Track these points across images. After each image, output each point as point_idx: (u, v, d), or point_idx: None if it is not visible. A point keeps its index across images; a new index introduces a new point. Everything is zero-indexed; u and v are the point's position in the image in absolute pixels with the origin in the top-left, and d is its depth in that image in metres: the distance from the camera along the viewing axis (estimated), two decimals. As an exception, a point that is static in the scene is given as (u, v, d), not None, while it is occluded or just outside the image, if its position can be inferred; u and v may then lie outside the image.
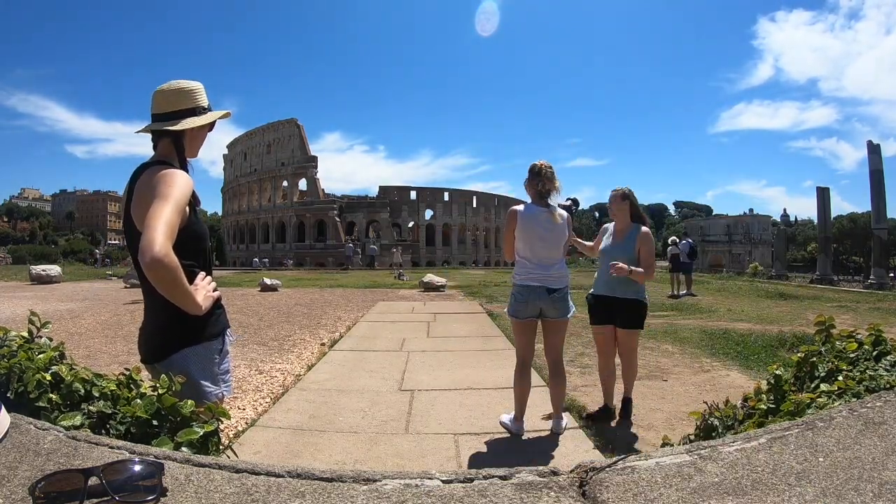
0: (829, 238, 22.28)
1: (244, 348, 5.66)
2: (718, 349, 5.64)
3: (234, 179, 56.37)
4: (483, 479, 0.68)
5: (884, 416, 0.87)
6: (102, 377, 1.10)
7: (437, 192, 53.87)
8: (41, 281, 15.57)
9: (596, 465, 0.72)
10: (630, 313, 3.21)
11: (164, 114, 1.49)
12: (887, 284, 16.59)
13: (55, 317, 7.98)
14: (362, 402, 3.66)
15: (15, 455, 0.71)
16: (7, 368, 1.01)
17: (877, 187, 18.26)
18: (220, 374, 1.52)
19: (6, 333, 1.18)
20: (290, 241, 47.94)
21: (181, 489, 0.64)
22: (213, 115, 1.56)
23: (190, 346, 1.45)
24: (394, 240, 44.36)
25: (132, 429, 1.00)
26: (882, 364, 1.33)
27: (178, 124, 1.47)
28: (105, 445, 0.77)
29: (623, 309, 3.21)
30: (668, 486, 0.65)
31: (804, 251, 50.70)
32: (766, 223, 53.03)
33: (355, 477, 0.68)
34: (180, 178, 1.38)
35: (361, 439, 2.94)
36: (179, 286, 1.25)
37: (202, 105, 1.52)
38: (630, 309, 3.20)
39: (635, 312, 3.22)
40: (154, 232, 1.21)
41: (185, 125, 1.47)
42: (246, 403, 3.66)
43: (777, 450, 0.74)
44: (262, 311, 9.35)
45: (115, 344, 5.95)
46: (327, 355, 5.27)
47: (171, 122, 1.47)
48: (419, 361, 4.91)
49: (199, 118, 1.49)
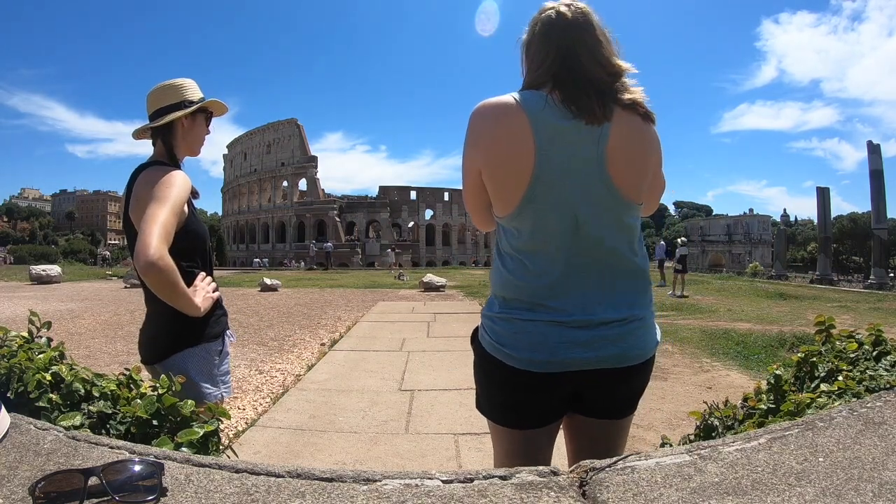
0: (829, 238, 22.28)
1: (244, 348, 5.66)
2: (718, 349, 5.64)
3: (234, 179, 56.40)
4: (483, 479, 0.68)
5: (884, 416, 0.87)
6: (102, 377, 1.10)
7: (438, 191, 53.88)
8: (41, 281, 15.57)
9: (596, 464, 0.72)
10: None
11: (153, 112, 1.48)
12: (887, 284, 16.59)
13: (55, 317, 7.98)
14: (362, 402, 3.66)
15: (15, 455, 0.71)
16: (7, 368, 1.01)
17: (877, 187, 18.26)
18: (220, 376, 1.52)
19: (6, 333, 1.18)
20: (290, 241, 47.95)
21: (181, 489, 0.64)
22: (194, 104, 1.49)
23: (190, 348, 1.44)
24: (394, 239, 44.36)
25: (132, 429, 1.00)
26: (882, 364, 1.33)
27: (158, 120, 1.46)
28: (105, 445, 0.77)
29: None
30: (668, 486, 0.65)
31: (804, 251, 50.68)
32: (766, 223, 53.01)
33: (355, 477, 0.68)
34: (177, 178, 1.38)
35: (361, 439, 2.94)
36: (176, 289, 1.25)
37: (190, 99, 1.49)
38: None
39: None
40: (148, 235, 1.20)
41: (163, 120, 1.46)
42: (246, 403, 3.66)
43: (777, 450, 0.74)
44: (262, 311, 9.35)
45: (115, 344, 5.95)
46: (327, 355, 5.27)
47: (158, 119, 1.47)
48: (419, 361, 4.91)
49: (180, 111, 1.47)
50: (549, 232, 1.05)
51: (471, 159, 1.11)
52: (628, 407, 1.20)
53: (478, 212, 1.20)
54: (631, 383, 1.15)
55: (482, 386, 1.19)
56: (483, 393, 1.20)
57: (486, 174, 1.09)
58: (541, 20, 1.11)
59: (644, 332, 1.12)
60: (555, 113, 1.04)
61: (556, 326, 1.05)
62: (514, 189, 1.05)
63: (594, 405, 1.16)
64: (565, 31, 1.07)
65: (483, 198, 1.14)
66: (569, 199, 1.05)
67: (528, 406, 1.12)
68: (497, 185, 1.08)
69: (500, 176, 1.07)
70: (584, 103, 1.04)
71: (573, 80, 1.05)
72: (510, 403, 1.13)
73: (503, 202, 1.08)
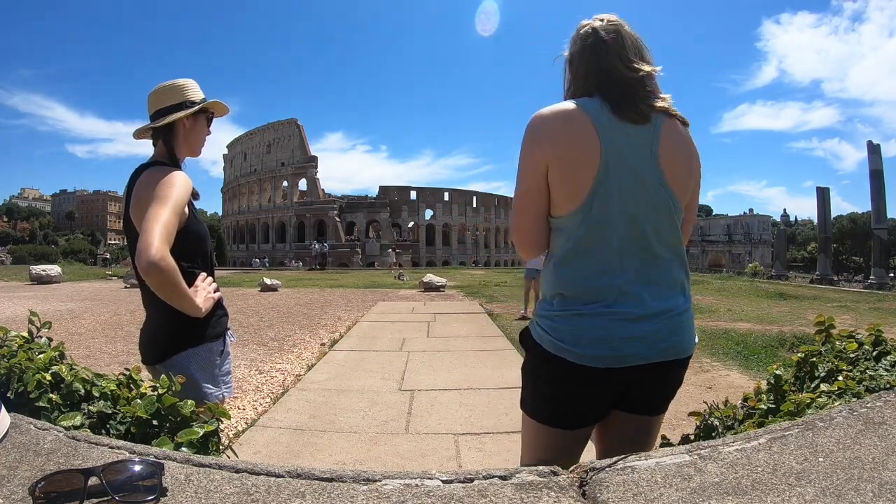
0: (829, 238, 22.27)
1: (244, 348, 5.66)
2: (718, 349, 5.64)
3: (234, 179, 56.40)
4: (483, 479, 0.68)
5: (884, 416, 0.87)
6: (102, 377, 1.10)
7: (438, 192, 53.88)
8: (41, 281, 15.56)
9: (596, 464, 0.72)
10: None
11: (154, 113, 1.48)
12: (887, 284, 16.58)
13: (55, 317, 7.97)
14: (362, 402, 3.66)
15: (15, 455, 0.72)
16: (7, 368, 1.01)
17: (877, 187, 18.26)
18: (221, 376, 1.52)
19: (6, 333, 1.18)
20: (290, 241, 47.95)
21: (181, 489, 0.64)
22: (196, 104, 1.49)
23: (191, 348, 1.44)
24: (394, 240, 44.35)
25: (132, 429, 1.00)
26: (882, 364, 1.33)
27: (160, 120, 1.46)
28: (105, 445, 0.77)
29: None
30: (668, 485, 0.65)
31: (804, 251, 50.68)
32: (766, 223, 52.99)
33: (355, 477, 0.68)
34: (178, 178, 1.37)
35: (361, 439, 2.94)
36: (177, 289, 1.25)
37: (191, 100, 1.49)
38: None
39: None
40: (150, 235, 1.20)
41: (165, 120, 1.46)
42: (246, 403, 3.66)
43: (777, 450, 0.74)
44: (262, 311, 9.35)
45: (115, 344, 5.95)
46: (327, 355, 5.27)
47: (159, 119, 1.47)
48: (419, 361, 4.90)
49: (181, 112, 1.47)
50: (613, 225, 1.09)
51: (534, 158, 1.13)
52: (667, 402, 1.26)
53: (531, 219, 1.17)
54: (677, 377, 1.23)
55: (534, 385, 1.19)
56: (535, 392, 1.19)
57: (555, 168, 1.11)
58: (580, 37, 1.21)
59: (691, 325, 1.19)
60: (609, 115, 1.11)
61: (618, 320, 1.08)
62: (583, 182, 1.09)
63: (639, 401, 1.19)
64: (601, 45, 1.17)
65: (542, 200, 1.14)
66: (630, 195, 1.10)
67: (581, 404, 1.14)
68: (567, 177, 1.10)
69: (571, 168, 1.10)
70: (629, 107, 1.12)
71: (615, 88, 1.14)
72: (564, 402, 1.14)
73: (570, 196, 1.11)
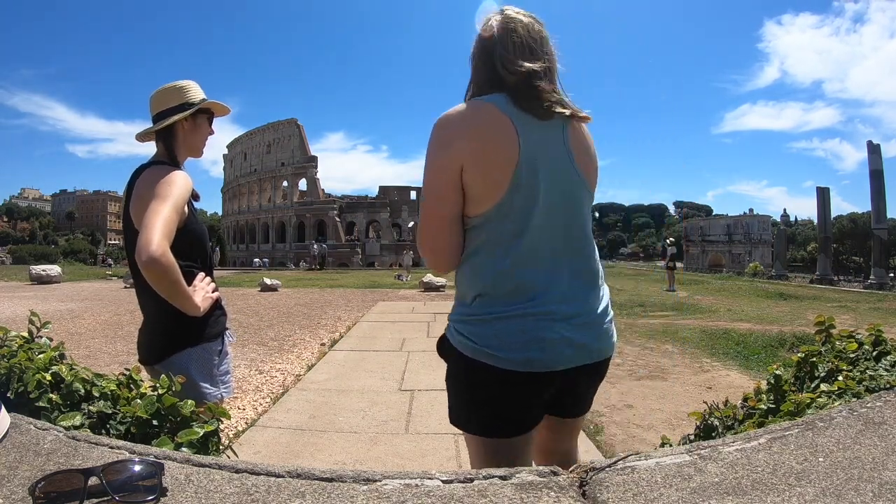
0: (829, 238, 22.28)
1: (244, 348, 5.66)
2: (718, 349, 5.65)
3: (235, 179, 56.36)
4: (483, 479, 0.68)
5: (884, 416, 0.87)
6: (102, 377, 1.10)
7: (438, 192, 53.75)
8: (41, 281, 15.58)
9: (596, 464, 0.72)
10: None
11: (155, 115, 1.49)
12: (887, 284, 16.59)
13: (55, 317, 7.98)
14: (362, 402, 3.66)
15: (15, 455, 0.71)
16: (7, 368, 1.01)
17: (877, 187, 18.26)
18: (220, 376, 1.52)
19: (6, 333, 1.18)
20: (290, 241, 47.94)
21: (181, 489, 0.64)
22: (195, 105, 1.49)
23: (189, 348, 1.44)
24: (394, 239, 44.33)
25: (132, 429, 1.00)
26: (882, 364, 1.33)
27: (159, 123, 1.47)
28: (105, 445, 0.77)
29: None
30: (668, 486, 0.65)
31: (804, 251, 50.67)
32: (766, 223, 52.92)
33: (355, 477, 0.68)
34: (179, 177, 1.38)
35: (361, 439, 2.94)
36: (177, 286, 1.25)
37: (191, 101, 1.50)
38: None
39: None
40: (151, 231, 1.20)
41: (164, 122, 1.47)
42: (246, 403, 3.66)
43: (777, 450, 0.74)
44: (262, 311, 9.35)
45: (115, 344, 5.95)
46: (327, 355, 5.27)
47: (160, 122, 1.48)
48: (419, 361, 4.91)
49: (180, 114, 1.47)
50: (535, 216, 1.03)
51: (449, 158, 1.04)
52: (591, 402, 1.22)
53: (447, 225, 1.07)
54: (602, 376, 1.16)
55: (461, 397, 1.09)
56: (463, 404, 1.08)
57: (472, 165, 1.03)
58: (477, 35, 1.16)
59: (612, 323, 1.14)
60: (516, 109, 1.06)
61: (546, 320, 1.00)
62: (503, 174, 1.02)
63: (569, 403, 1.15)
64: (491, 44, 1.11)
65: (458, 203, 1.06)
66: (551, 185, 1.05)
67: (517, 411, 1.04)
68: (486, 172, 1.03)
69: (490, 162, 1.02)
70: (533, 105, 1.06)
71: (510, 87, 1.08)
72: (497, 411, 1.04)
73: (489, 191, 1.03)
